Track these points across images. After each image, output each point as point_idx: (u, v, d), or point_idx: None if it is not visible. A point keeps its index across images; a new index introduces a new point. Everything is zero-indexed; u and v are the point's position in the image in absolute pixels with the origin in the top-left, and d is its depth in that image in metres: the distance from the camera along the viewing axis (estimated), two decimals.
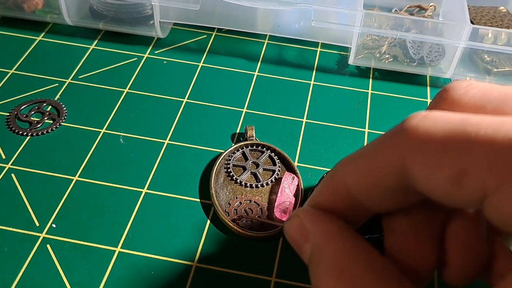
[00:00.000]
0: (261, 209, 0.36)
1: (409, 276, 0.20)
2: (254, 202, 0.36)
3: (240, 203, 0.36)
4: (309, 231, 0.21)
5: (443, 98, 0.20)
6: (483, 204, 0.17)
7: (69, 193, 0.37)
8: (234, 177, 0.37)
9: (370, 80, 0.48)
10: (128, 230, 0.35)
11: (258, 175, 0.38)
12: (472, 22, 0.46)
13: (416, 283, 0.20)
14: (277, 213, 0.35)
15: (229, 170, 0.38)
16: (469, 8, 0.47)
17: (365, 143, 0.42)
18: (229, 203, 0.36)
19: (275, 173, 0.38)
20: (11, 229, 0.34)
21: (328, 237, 0.20)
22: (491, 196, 0.16)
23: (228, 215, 0.35)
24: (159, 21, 0.48)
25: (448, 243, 0.20)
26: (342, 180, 0.20)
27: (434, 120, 0.17)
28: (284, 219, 0.35)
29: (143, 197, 0.37)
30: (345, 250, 0.19)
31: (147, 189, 0.37)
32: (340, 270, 0.19)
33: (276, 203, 0.35)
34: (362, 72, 0.49)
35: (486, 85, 0.19)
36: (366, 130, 0.43)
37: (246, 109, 0.44)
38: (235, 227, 0.34)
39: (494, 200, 0.16)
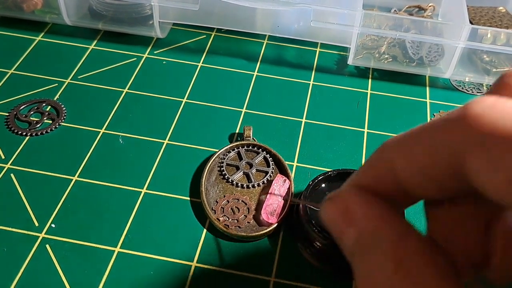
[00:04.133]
0: (248, 208, 0.36)
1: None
2: (242, 201, 0.36)
3: (228, 201, 0.36)
4: (355, 215, 0.19)
5: (506, 84, 0.18)
6: None
7: (68, 193, 0.37)
8: (226, 176, 0.37)
9: (369, 80, 0.48)
10: (127, 230, 0.35)
11: (251, 175, 0.38)
12: (471, 22, 0.46)
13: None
14: (264, 215, 0.35)
15: (222, 169, 0.38)
16: (468, 8, 0.47)
17: (365, 143, 0.42)
18: (216, 201, 0.36)
19: (268, 175, 0.38)
20: (10, 229, 0.34)
21: (382, 223, 0.18)
22: None
23: (215, 213, 0.35)
24: (159, 21, 0.48)
25: (493, 238, 0.19)
26: (389, 163, 0.18)
27: (501, 113, 0.15)
28: (270, 221, 0.35)
29: (142, 197, 0.37)
30: (402, 239, 0.17)
31: (146, 189, 0.37)
32: (398, 263, 0.17)
33: (264, 205, 0.35)
34: (361, 72, 0.49)
35: None
36: (366, 130, 0.43)
37: (246, 109, 0.44)
38: (220, 226, 0.34)
39: None
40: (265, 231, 0.34)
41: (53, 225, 0.35)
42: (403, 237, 0.17)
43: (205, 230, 0.35)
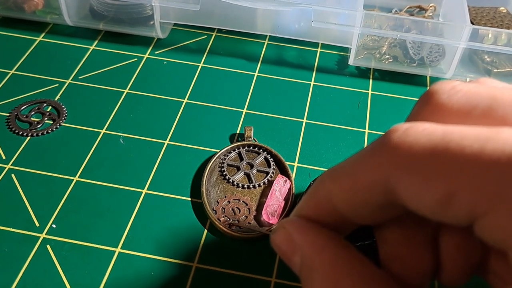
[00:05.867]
0: (249, 209, 0.36)
1: (406, 286, 0.20)
2: (243, 201, 0.36)
3: (229, 202, 0.36)
4: (297, 243, 0.20)
5: (426, 103, 0.19)
6: (474, 224, 0.16)
7: (69, 193, 0.37)
8: (227, 177, 0.37)
9: (370, 80, 0.48)
10: (128, 230, 0.35)
11: (252, 176, 0.38)
12: (472, 23, 0.46)
13: None
14: (264, 215, 0.35)
15: (222, 169, 0.38)
16: (469, 9, 0.47)
17: (366, 144, 0.42)
18: (217, 201, 0.36)
19: (269, 175, 0.38)
20: (11, 229, 0.34)
21: (318, 249, 0.19)
22: (481, 218, 0.16)
23: (216, 213, 0.35)
24: (159, 22, 0.48)
25: (441, 246, 0.20)
26: (326, 195, 0.20)
27: (415, 136, 0.17)
28: (271, 221, 0.35)
29: (143, 197, 0.37)
30: (337, 263, 0.19)
31: (147, 190, 0.37)
32: (333, 286, 0.18)
33: (265, 206, 0.35)
34: (362, 73, 0.49)
35: (471, 87, 0.18)
36: (366, 130, 0.43)
37: (246, 109, 0.44)
38: (220, 226, 0.34)
39: (484, 223, 0.16)
40: (266, 231, 0.34)
41: (53, 226, 0.35)
42: (339, 260, 0.19)
43: (205, 231, 0.35)
